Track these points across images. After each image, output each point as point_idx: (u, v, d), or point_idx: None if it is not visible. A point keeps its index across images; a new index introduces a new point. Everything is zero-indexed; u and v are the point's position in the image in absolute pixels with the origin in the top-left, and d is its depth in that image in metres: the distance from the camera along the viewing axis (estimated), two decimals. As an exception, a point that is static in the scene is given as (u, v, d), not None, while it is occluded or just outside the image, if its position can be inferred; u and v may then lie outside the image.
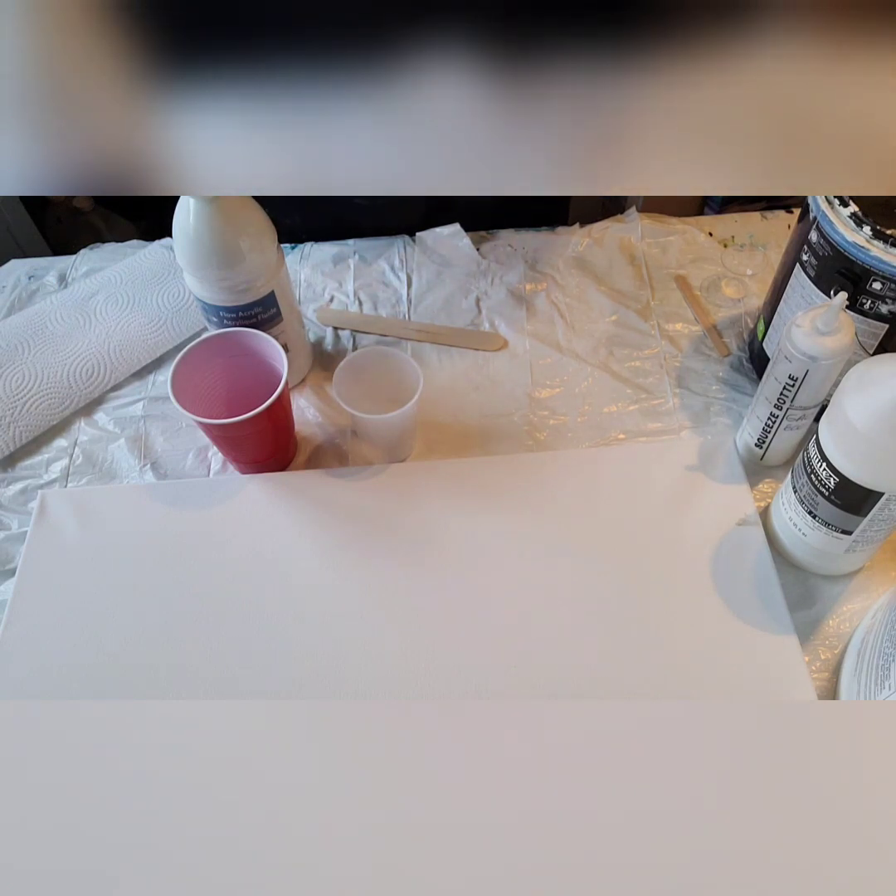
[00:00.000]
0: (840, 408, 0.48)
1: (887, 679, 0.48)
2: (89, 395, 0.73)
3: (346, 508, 0.64)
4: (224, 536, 0.63)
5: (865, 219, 0.53)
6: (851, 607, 0.58)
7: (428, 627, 0.58)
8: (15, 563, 0.63)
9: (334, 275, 0.82)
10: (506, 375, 0.73)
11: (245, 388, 0.63)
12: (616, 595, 0.59)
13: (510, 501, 0.64)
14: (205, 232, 0.59)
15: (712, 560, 0.60)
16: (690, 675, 0.55)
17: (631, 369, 0.73)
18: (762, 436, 0.62)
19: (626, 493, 0.64)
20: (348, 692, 0.56)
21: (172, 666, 0.57)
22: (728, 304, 0.77)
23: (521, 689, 0.55)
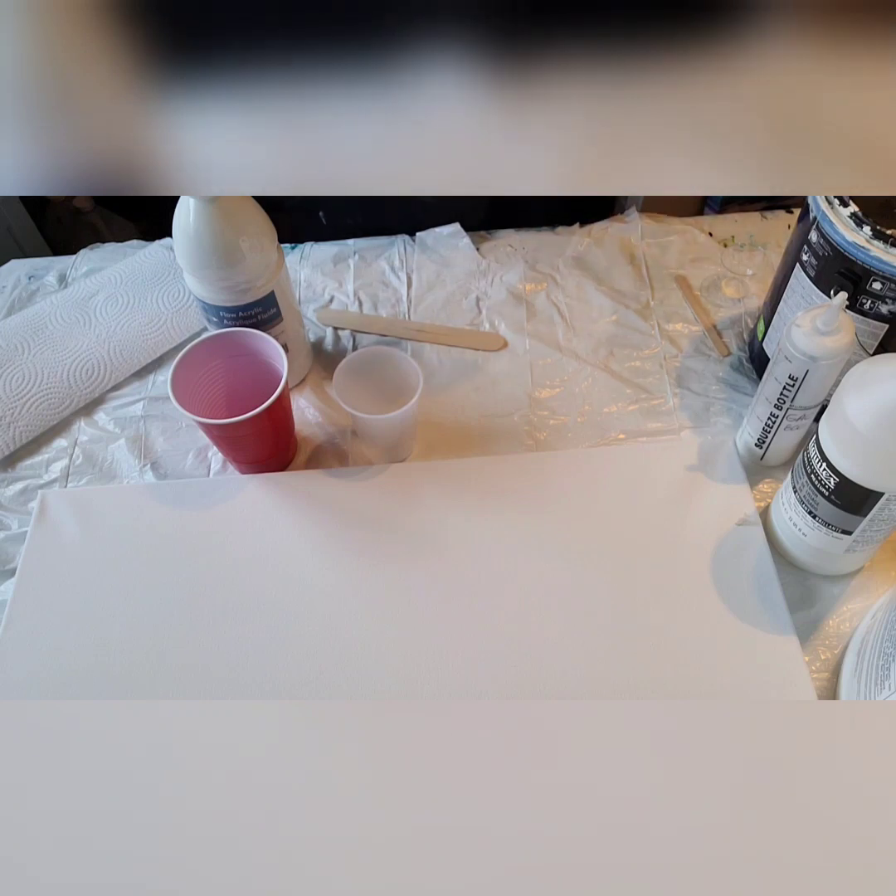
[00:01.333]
0: (840, 408, 0.48)
1: (887, 679, 0.48)
2: (89, 395, 0.73)
3: (346, 508, 0.64)
4: (224, 536, 0.63)
5: (865, 219, 0.53)
6: (851, 607, 0.58)
7: (428, 627, 0.58)
8: (15, 563, 0.63)
9: (334, 275, 0.82)
10: (506, 375, 0.73)
11: (245, 388, 0.63)
12: (616, 595, 0.59)
13: (510, 501, 0.64)
14: (205, 232, 0.59)
15: (712, 560, 0.60)
16: (690, 674, 0.55)
17: (631, 369, 0.73)
18: (762, 436, 0.62)
19: (626, 493, 0.64)
20: (348, 692, 0.56)
21: (172, 666, 0.57)
22: (728, 304, 0.77)
23: (522, 689, 0.55)
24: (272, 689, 0.56)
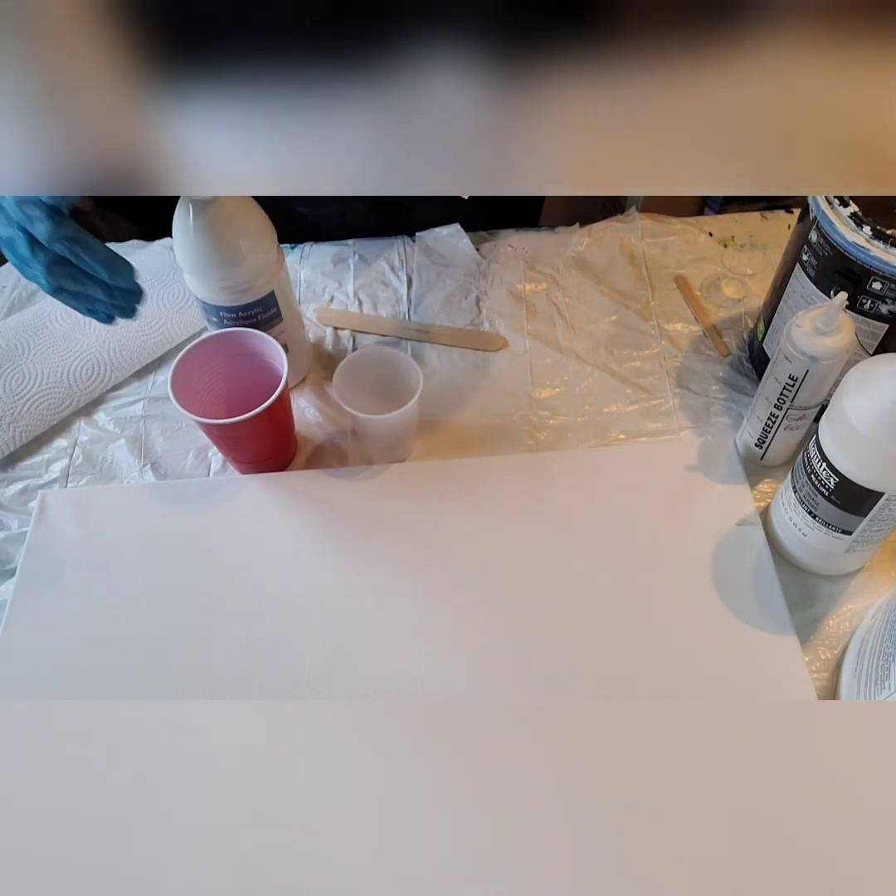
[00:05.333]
0: (840, 408, 0.48)
1: (887, 679, 0.48)
2: (89, 395, 0.73)
3: (346, 508, 0.64)
4: (224, 536, 0.63)
5: (865, 219, 0.53)
6: (851, 607, 0.58)
7: (428, 626, 0.58)
8: (15, 563, 0.63)
9: (334, 275, 0.82)
10: (506, 375, 0.73)
11: (245, 388, 0.63)
12: (616, 595, 0.59)
13: (510, 501, 0.64)
14: (205, 232, 0.59)
15: (712, 560, 0.60)
16: (690, 674, 0.55)
17: (631, 369, 0.73)
18: (762, 436, 0.62)
19: (625, 493, 0.64)
20: (348, 692, 0.56)
21: (172, 666, 0.57)
22: (728, 304, 0.77)
23: (522, 688, 0.55)
24: (272, 689, 0.56)
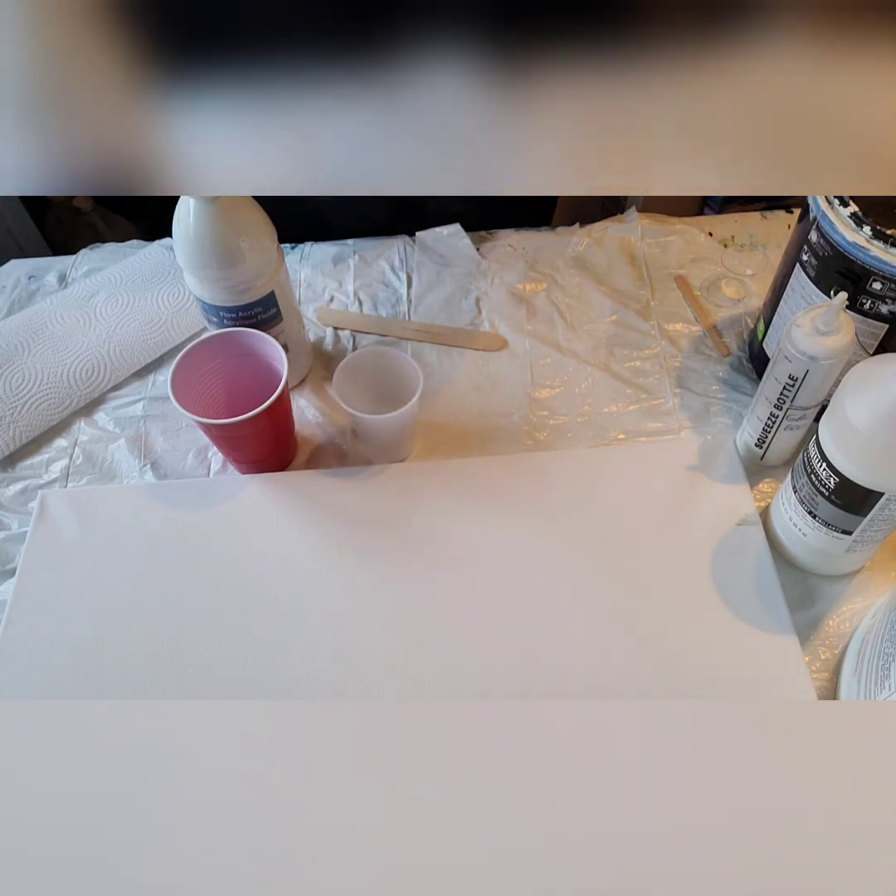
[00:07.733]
0: (840, 408, 0.48)
1: (887, 679, 0.48)
2: (89, 395, 0.73)
3: (346, 508, 0.64)
4: (224, 536, 0.63)
5: (865, 219, 0.53)
6: (851, 607, 0.58)
7: (428, 627, 0.58)
8: (15, 563, 0.63)
9: (334, 275, 0.82)
10: (506, 375, 0.73)
11: (245, 388, 0.63)
12: (616, 595, 0.59)
13: (510, 501, 0.64)
14: (205, 232, 0.59)
15: (712, 560, 0.60)
16: (690, 674, 0.55)
17: (631, 369, 0.73)
18: (762, 436, 0.62)
19: (626, 492, 0.64)
20: (348, 692, 0.56)
21: (172, 666, 0.57)
22: (728, 304, 0.77)
23: (523, 690, 0.55)
24: (272, 689, 0.56)
